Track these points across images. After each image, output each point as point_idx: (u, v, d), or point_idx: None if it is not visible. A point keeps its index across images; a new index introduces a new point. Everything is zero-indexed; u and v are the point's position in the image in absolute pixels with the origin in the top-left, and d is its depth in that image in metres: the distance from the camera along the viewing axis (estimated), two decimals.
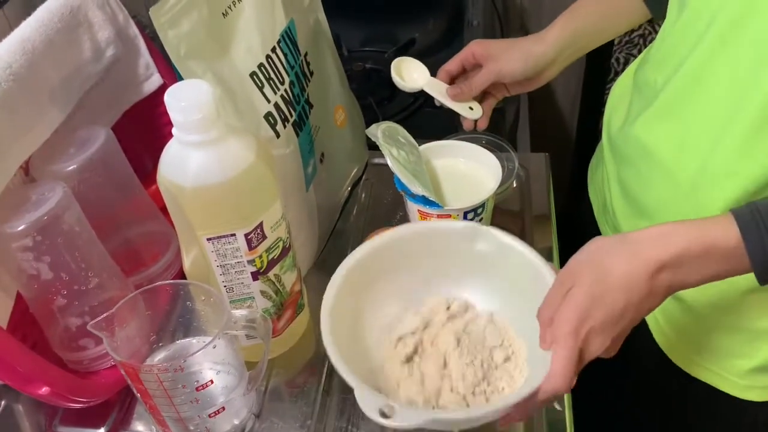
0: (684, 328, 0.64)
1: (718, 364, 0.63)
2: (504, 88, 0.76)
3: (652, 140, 0.61)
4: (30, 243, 0.53)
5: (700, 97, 0.56)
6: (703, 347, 0.63)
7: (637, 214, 0.66)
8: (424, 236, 0.59)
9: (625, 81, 0.73)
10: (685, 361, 0.65)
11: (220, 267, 0.55)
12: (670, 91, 0.59)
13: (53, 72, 0.59)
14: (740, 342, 0.61)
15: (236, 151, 0.50)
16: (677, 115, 0.58)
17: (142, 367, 0.51)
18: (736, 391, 0.63)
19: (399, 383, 0.55)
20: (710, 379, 0.64)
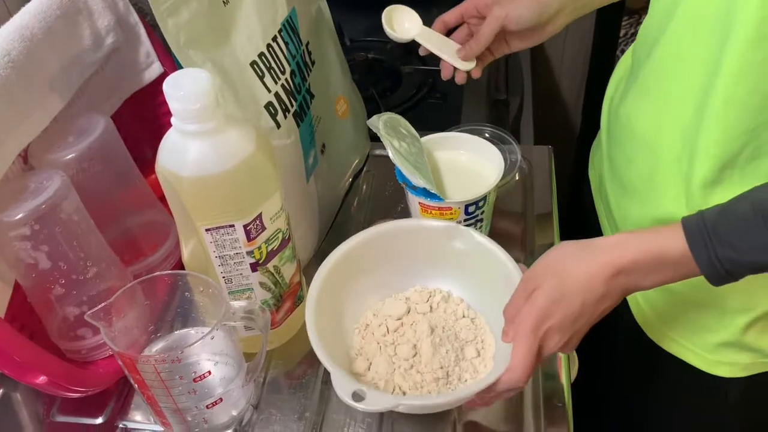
0: (658, 303, 0.66)
1: (688, 339, 0.65)
2: (505, 44, 0.75)
3: (635, 117, 0.62)
4: (28, 232, 0.53)
5: (675, 74, 0.57)
6: (676, 321, 0.65)
7: (624, 192, 0.67)
8: (406, 233, 0.63)
9: (626, 61, 0.74)
10: (659, 335, 0.67)
11: (218, 258, 0.55)
12: (649, 67, 0.60)
13: (52, 60, 0.58)
14: (710, 317, 0.62)
15: (235, 142, 0.50)
16: (656, 92, 0.60)
17: (139, 357, 0.51)
18: (705, 366, 0.65)
19: (371, 364, 0.58)
20: (681, 353, 0.66)
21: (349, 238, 0.61)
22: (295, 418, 0.59)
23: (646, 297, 0.68)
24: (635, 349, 0.71)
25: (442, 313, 0.63)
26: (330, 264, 0.59)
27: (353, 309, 0.62)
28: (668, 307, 0.65)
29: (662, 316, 0.66)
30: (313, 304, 0.56)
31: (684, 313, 0.64)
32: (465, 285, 0.64)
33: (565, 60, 1.41)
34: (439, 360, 0.58)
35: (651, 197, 0.63)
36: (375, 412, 0.55)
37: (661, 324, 0.66)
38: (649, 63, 0.60)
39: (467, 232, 0.61)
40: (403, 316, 0.62)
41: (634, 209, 0.65)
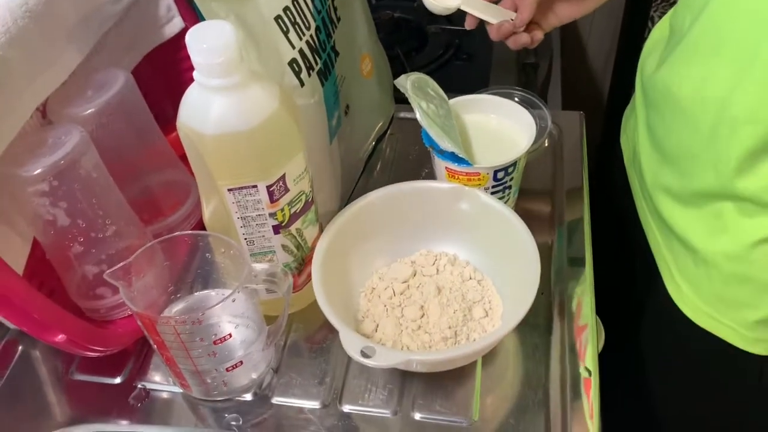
0: (695, 279, 0.64)
1: (727, 315, 0.63)
2: (554, 15, 0.71)
3: (676, 84, 0.60)
4: (46, 188, 0.52)
5: (721, 40, 0.55)
6: (713, 296, 0.64)
7: (661, 160, 0.66)
8: (410, 196, 0.62)
9: (663, 26, 0.71)
10: (696, 312, 0.66)
11: (240, 219, 0.53)
12: (694, 34, 0.58)
13: (71, 10, 0.56)
14: (748, 293, 0.61)
15: (259, 98, 0.48)
16: (699, 58, 0.57)
17: (159, 318, 0.50)
18: (743, 344, 0.64)
19: (378, 325, 0.59)
20: (719, 331, 0.64)
21: (352, 202, 0.61)
22: (316, 383, 0.58)
23: (682, 270, 0.66)
24: (666, 324, 0.70)
25: (449, 276, 0.63)
26: (334, 229, 0.59)
27: (359, 273, 0.63)
28: (706, 281, 0.63)
29: (699, 290, 0.64)
30: (319, 269, 0.56)
31: (723, 288, 0.62)
32: (471, 247, 0.63)
33: (594, 23, 1.37)
34: (447, 320, 0.58)
35: (689, 168, 0.61)
36: (384, 368, 0.55)
37: (697, 298, 0.65)
38: (695, 28, 0.57)
39: (474, 193, 0.61)
40: (409, 279, 0.62)
41: (673, 180, 0.63)
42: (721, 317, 0.64)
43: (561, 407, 0.55)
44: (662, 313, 0.69)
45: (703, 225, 0.62)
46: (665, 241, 0.68)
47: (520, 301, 0.53)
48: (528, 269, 0.55)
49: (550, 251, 0.67)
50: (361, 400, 0.57)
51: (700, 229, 0.62)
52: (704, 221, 0.61)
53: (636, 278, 0.77)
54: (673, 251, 0.67)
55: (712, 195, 0.60)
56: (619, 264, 0.82)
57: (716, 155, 0.57)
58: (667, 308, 0.68)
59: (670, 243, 0.67)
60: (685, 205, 0.63)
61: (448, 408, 0.56)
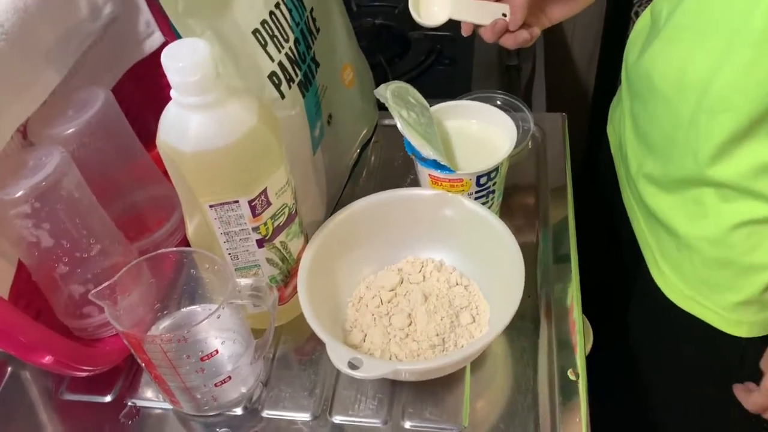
0: (678, 264, 0.66)
1: (709, 299, 0.65)
2: (544, 16, 0.71)
3: (657, 72, 0.61)
4: (28, 210, 0.52)
5: (702, 25, 0.56)
6: (695, 280, 0.65)
7: (645, 148, 0.67)
8: (394, 204, 0.63)
9: (646, 16, 0.72)
10: (679, 296, 0.67)
11: (224, 234, 0.53)
12: (673, 22, 0.59)
13: (48, 31, 0.56)
14: (729, 276, 0.62)
15: (237, 114, 0.48)
16: (679, 47, 0.58)
17: (145, 337, 0.50)
18: (726, 326, 0.65)
19: (366, 335, 0.59)
20: (700, 313, 0.66)
21: (336, 212, 0.61)
22: (306, 395, 0.58)
23: (666, 255, 0.67)
24: (652, 309, 0.71)
25: (435, 282, 0.63)
26: (318, 240, 0.59)
27: (346, 283, 0.63)
28: (688, 265, 0.64)
29: (682, 274, 0.65)
30: (305, 281, 0.56)
31: (704, 271, 0.63)
32: (457, 253, 0.64)
33: (577, 23, 1.37)
34: (435, 327, 0.58)
35: (670, 156, 0.62)
36: (372, 378, 0.56)
37: (680, 282, 0.66)
38: (675, 16, 0.58)
39: (457, 199, 0.61)
40: (396, 287, 0.62)
41: (656, 168, 0.64)
42: (704, 300, 0.65)
43: (550, 410, 0.56)
44: (647, 300, 0.71)
45: (685, 211, 0.63)
46: (650, 228, 0.69)
47: (507, 306, 0.54)
48: (513, 274, 0.56)
49: (535, 253, 0.67)
50: (351, 411, 0.57)
51: (681, 214, 0.63)
52: (685, 207, 0.62)
53: (623, 269, 0.78)
54: (657, 237, 0.68)
55: (692, 181, 0.61)
56: (607, 259, 0.83)
57: (695, 142, 0.58)
58: (652, 294, 0.69)
59: (654, 229, 0.68)
60: (668, 192, 0.64)
61: (438, 415, 0.56)
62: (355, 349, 0.58)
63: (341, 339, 0.59)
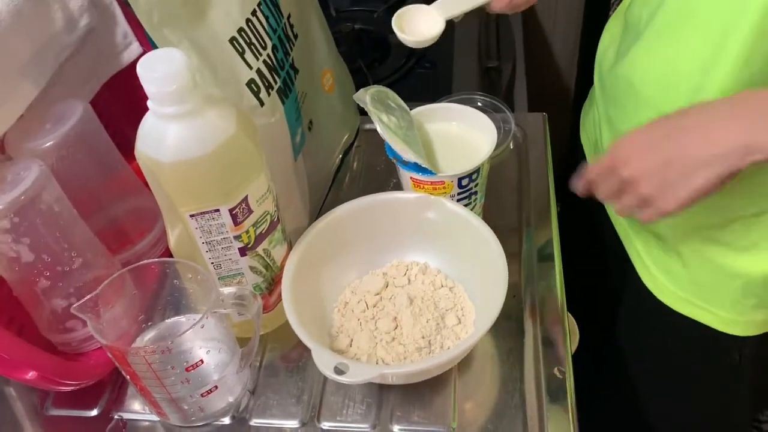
0: (669, 268, 0.66)
1: (703, 299, 0.64)
2: None
3: (639, 77, 0.61)
4: (7, 225, 0.51)
5: (683, 32, 0.55)
6: (688, 284, 0.65)
7: None
8: (377, 208, 0.63)
9: (617, 20, 0.72)
10: (673, 299, 0.67)
11: (206, 244, 0.53)
12: (654, 26, 0.58)
13: (24, 44, 0.56)
14: (722, 276, 0.62)
15: (215, 123, 0.48)
16: (663, 51, 0.58)
17: (129, 350, 0.50)
18: (721, 326, 0.65)
19: (352, 340, 0.59)
20: (694, 314, 0.66)
21: (319, 218, 0.61)
22: (293, 402, 0.58)
23: (655, 260, 0.67)
24: (644, 313, 0.71)
25: (421, 285, 0.63)
26: (302, 246, 0.59)
27: (331, 288, 0.63)
28: (679, 268, 0.64)
29: (673, 278, 0.66)
30: (289, 288, 0.56)
31: (696, 273, 0.63)
32: (441, 255, 0.64)
33: (557, 23, 1.38)
34: (420, 330, 0.58)
35: None
36: (359, 383, 0.57)
37: (672, 286, 0.66)
38: (656, 18, 0.58)
39: (439, 202, 0.61)
40: (381, 291, 0.63)
41: None
42: (698, 301, 0.65)
43: (537, 410, 0.56)
44: (638, 302, 0.70)
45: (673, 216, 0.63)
46: (635, 233, 0.69)
47: (491, 306, 0.54)
48: (496, 274, 0.56)
49: (519, 253, 0.68)
50: (339, 416, 0.57)
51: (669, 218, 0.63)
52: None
53: (609, 270, 0.78)
54: (644, 241, 0.68)
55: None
56: (592, 259, 0.83)
57: None
58: (642, 297, 0.69)
59: (640, 234, 0.68)
60: None
61: (426, 418, 0.56)
62: (341, 354, 0.58)
63: (327, 345, 0.59)
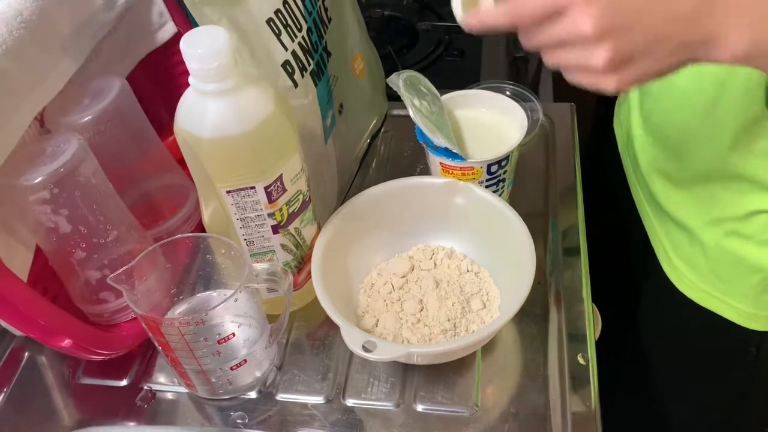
0: (692, 259, 0.66)
1: (724, 292, 0.65)
2: None
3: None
4: (47, 196, 0.53)
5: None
6: (710, 275, 0.65)
7: (657, 144, 0.67)
8: (404, 192, 0.64)
9: None
10: (693, 290, 0.67)
11: (240, 220, 0.54)
12: None
13: (65, 21, 0.57)
14: (744, 269, 0.62)
15: (255, 101, 0.49)
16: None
17: (163, 320, 0.51)
18: (741, 320, 0.65)
19: (378, 320, 0.60)
20: (715, 307, 0.66)
21: (347, 200, 0.62)
22: (319, 379, 0.59)
23: (678, 250, 0.67)
24: (664, 304, 0.71)
25: (446, 269, 0.64)
26: (331, 227, 0.60)
27: (358, 270, 0.64)
28: (702, 260, 0.64)
29: (695, 269, 0.66)
30: (319, 267, 0.57)
31: (719, 265, 0.63)
32: (467, 241, 0.65)
33: None
34: (446, 312, 0.59)
35: (686, 151, 0.62)
36: (385, 361, 0.58)
37: (694, 277, 0.66)
38: None
39: (467, 187, 0.62)
40: (407, 274, 0.63)
41: (669, 163, 0.64)
42: (719, 294, 0.65)
43: (560, 395, 0.56)
44: (660, 294, 0.71)
45: (698, 205, 0.63)
46: (660, 223, 0.69)
47: (517, 292, 0.54)
48: (523, 260, 0.56)
49: (545, 241, 0.68)
50: (364, 394, 0.58)
51: (694, 209, 0.64)
52: (699, 202, 0.63)
53: (633, 262, 0.79)
54: (668, 232, 0.68)
55: (708, 175, 0.61)
56: (617, 249, 0.84)
57: (712, 135, 0.58)
58: (664, 288, 0.69)
59: (665, 224, 0.69)
60: (680, 187, 0.64)
61: (449, 398, 0.57)
62: (367, 333, 0.59)
63: (354, 324, 0.59)
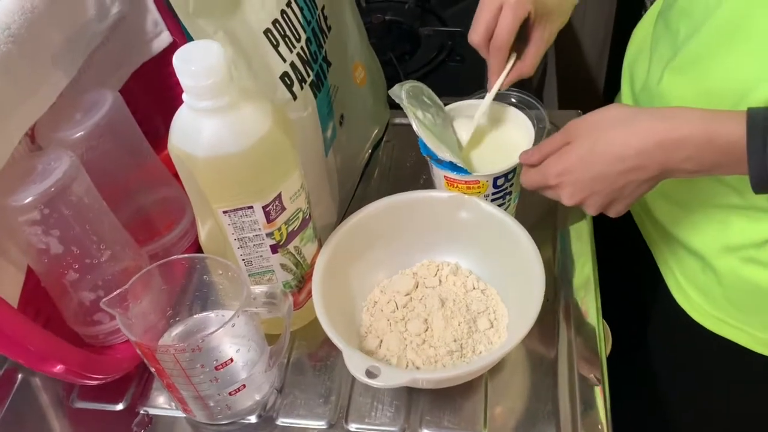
0: (704, 286, 0.63)
1: (740, 320, 0.62)
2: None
3: (676, 96, 0.58)
4: (37, 216, 0.51)
5: (729, 56, 0.52)
6: (725, 303, 0.62)
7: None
8: (408, 206, 0.61)
9: (646, 26, 0.68)
10: (706, 317, 0.64)
11: (237, 240, 0.52)
12: (699, 42, 0.55)
13: (55, 32, 0.55)
14: (761, 296, 0.59)
15: (251, 118, 0.47)
16: (703, 71, 0.55)
17: (158, 347, 0.49)
18: (758, 347, 0.62)
19: (382, 341, 0.57)
20: (732, 335, 0.63)
21: (349, 216, 0.60)
22: (321, 402, 0.57)
23: (689, 277, 0.64)
24: (675, 328, 0.68)
25: (452, 286, 0.62)
26: (332, 244, 0.58)
27: (360, 287, 0.62)
28: (716, 287, 0.61)
29: (708, 296, 0.63)
30: (320, 287, 0.55)
31: (734, 293, 0.61)
32: (473, 256, 0.63)
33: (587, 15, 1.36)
34: (452, 333, 0.57)
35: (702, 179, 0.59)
36: (390, 388, 0.56)
37: (706, 304, 0.63)
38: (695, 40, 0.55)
39: (474, 202, 0.60)
40: (411, 291, 0.61)
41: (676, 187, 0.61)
42: (734, 321, 0.62)
43: (571, 418, 0.54)
44: (670, 320, 0.68)
45: (710, 231, 0.60)
46: (669, 248, 0.66)
47: (526, 311, 0.52)
48: (532, 277, 0.54)
49: (553, 256, 0.66)
50: (367, 419, 0.56)
51: (706, 235, 0.61)
52: (710, 227, 0.60)
53: (640, 281, 0.76)
54: (678, 259, 0.65)
55: (719, 203, 0.59)
56: (624, 267, 0.81)
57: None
58: (674, 315, 0.66)
59: (674, 250, 0.65)
60: (690, 212, 0.61)
61: (456, 423, 0.55)
62: (370, 355, 0.57)
63: (356, 345, 0.58)
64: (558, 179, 0.54)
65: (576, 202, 0.55)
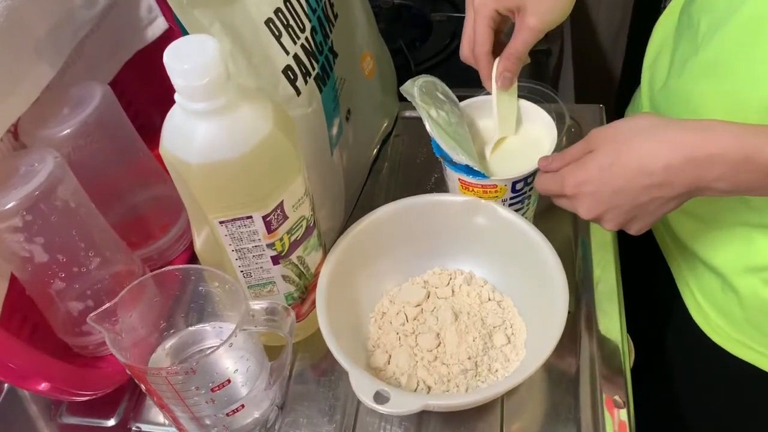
0: (724, 306, 0.59)
1: (762, 343, 0.58)
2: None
3: (697, 96, 0.54)
4: (19, 223, 0.47)
5: (756, 54, 0.48)
6: (746, 325, 0.58)
7: None
8: (420, 211, 0.58)
9: (669, 22, 0.63)
10: (726, 340, 0.60)
11: (235, 251, 0.48)
12: (722, 39, 0.51)
13: (38, 20, 0.51)
14: None
15: (249, 121, 0.42)
16: (728, 71, 0.51)
17: (149, 369, 0.45)
18: None
19: (390, 357, 0.54)
20: (753, 358, 0.59)
21: (357, 220, 0.56)
22: (325, 421, 0.54)
23: (708, 297, 0.60)
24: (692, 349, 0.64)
25: (465, 297, 0.58)
26: (337, 253, 0.54)
27: (368, 297, 0.58)
28: (736, 308, 0.57)
29: (728, 318, 0.58)
30: (324, 300, 0.51)
31: (756, 314, 0.56)
32: (488, 265, 0.59)
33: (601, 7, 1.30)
34: (466, 349, 0.53)
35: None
36: (400, 414, 0.51)
37: (727, 326, 0.59)
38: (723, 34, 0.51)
39: (490, 207, 0.56)
40: (422, 302, 0.57)
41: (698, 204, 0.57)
42: (755, 345, 0.58)
43: None
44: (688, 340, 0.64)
45: (732, 249, 0.56)
46: (688, 265, 0.62)
47: (546, 326, 0.49)
48: (553, 292, 0.50)
49: (573, 264, 0.62)
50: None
51: (728, 253, 0.56)
52: (733, 245, 0.56)
53: (656, 293, 0.71)
54: (697, 277, 0.61)
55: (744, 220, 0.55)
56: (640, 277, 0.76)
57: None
58: (693, 336, 0.62)
59: (693, 267, 0.61)
60: (712, 228, 0.57)
61: None
62: (378, 372, 0.53)
63: (364, 360, 0.54)
64: (576, 189, 0.49)
65: (594, 216, 0.50)
